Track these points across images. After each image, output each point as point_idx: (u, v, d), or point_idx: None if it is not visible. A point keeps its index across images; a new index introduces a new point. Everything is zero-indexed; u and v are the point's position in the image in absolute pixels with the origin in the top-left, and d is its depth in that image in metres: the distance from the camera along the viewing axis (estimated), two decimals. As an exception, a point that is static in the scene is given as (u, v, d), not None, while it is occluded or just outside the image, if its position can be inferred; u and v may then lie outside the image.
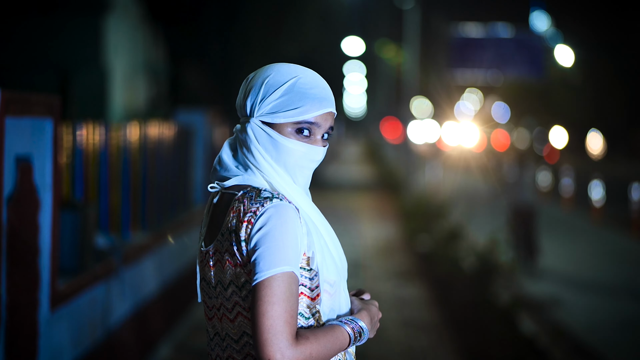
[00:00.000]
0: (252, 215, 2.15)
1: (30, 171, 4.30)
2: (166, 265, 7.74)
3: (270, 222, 2.13)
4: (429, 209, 16.25)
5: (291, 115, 2.27)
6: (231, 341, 2.23)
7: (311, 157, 2.33)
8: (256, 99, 2.29)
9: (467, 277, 10.05)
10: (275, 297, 2.08)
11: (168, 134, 8.39)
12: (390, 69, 45.16)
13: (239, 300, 2.19)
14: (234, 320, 2.21)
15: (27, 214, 4.26)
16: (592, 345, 8.30)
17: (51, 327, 4.54)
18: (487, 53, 21.46)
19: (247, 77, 2.38)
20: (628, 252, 15.17)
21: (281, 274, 2.10)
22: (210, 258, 2.26)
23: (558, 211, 22.12)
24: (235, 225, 2.17)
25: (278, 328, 2.05)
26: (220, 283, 2.23)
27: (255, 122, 2.29)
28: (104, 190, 6.42)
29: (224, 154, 2.34)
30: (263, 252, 2.11)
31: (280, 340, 2.05)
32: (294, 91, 2.28)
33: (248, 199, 2.18)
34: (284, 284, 2.09)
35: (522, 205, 12.72)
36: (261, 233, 2.13)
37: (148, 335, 6.99)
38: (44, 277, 4.41)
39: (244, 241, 2.15)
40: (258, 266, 2.11)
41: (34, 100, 4.36)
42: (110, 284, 5.78)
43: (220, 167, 2.33)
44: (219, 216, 2.27)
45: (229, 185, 2.29)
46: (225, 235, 2.20)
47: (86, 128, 6.03)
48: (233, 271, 2.19)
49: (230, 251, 2.18)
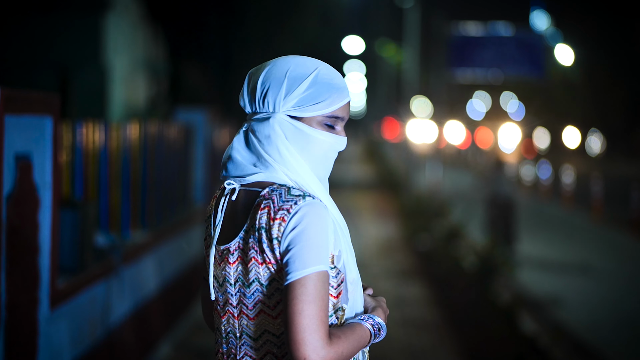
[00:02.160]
0: (285, 213, 2.14)
1: (29, 169, 4.29)
2: (166, 264, 7.73)
3: (305, 221, 2.13)
4: (429, 208, 16.25)
5: (320, 107, 2.27)
6: (248, 339, 2.22)
7: (337, 148, 2.34)
8: (280, 94, 2.26)
9: (467, 276, 10.05)
10: (311, 296, 2.09)
11: (168, 132, 8.38)
12: (390, 68, 45.17)
13: (263, 298, 2.18)
14: (254, 318, 2.20)
15: (27, 213, 4.25)
16: (593, 344, 8.30)
17: (51, 326, 4.53)
18: (488, 52, 21.44)
19: (252, 73, 2.33)
20: (628, 251, 15.17)
21: (316, 273, 2.11)
22: (230, 255, 2.23)
23: (558, 210, 22.12)
24: (265, 222, 2.15)
25: (314, 327, 2.07)
26: (240, 280, 2.22)
27: (283, 117, 2.26)
28: (104, 189, 6.41)
29: (235, 152, 2.30)
30: (298, 251, 2.11)
31: (316, 340, 2.06)
32: (319, 83, 2.27)
33: (277, 196, 2.17)
34: (319, 283, 2.10)
35: (501, 197, 13.20)
36: (296, 232, 2.12)
37: (148, 334, 6.98)
38: (44, 275, 4.40)
39: (276, 239, 2.14)
40: (293, 265, 2.11)
41: (33, 98, 4.35)
42: (110, 282, 5.77)
43: (232, 165, 2.30)
44: (238, 213, 2.26)
45: (248, 182, 2.26)
46: (250, 232, 2.18)
47: (86, 126, 6.02)
48: (259, 269, 2.17)
49: (257, 248, 2.17)
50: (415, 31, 25.08)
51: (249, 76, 2.33)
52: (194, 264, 8.96)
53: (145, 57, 19.75)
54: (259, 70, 2.31)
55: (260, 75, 2.29)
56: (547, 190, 27.04)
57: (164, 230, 7.82)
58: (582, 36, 43.45)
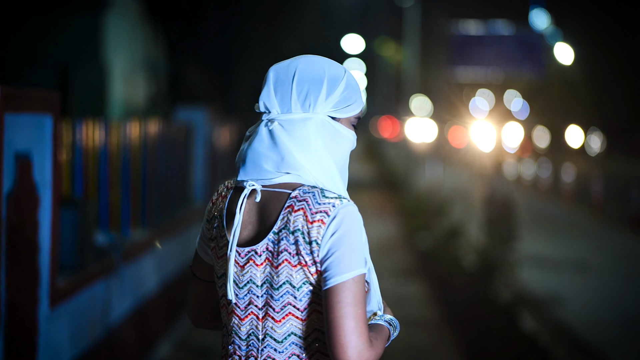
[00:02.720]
0: (323, 215, 2.13)
1: (29, 168, 4.27)
2: (166, 263, 7.72)
3: (345, 224, 2.13)
4: (429, 207, 16.25)
5: (352, 109, 2.31)
6: (272, 341, 2.20)
7: (353, 147, 2.38)
8: (321, 95, 2.25)
9: (467, 275, 10.04)
10: (356, 299, 2.10)
11: (168, 131, 8.36)
12: (389, 67, 45.14)
13: (293, 300, 2.17)
14: (281, 320, 2.18)
15: (27, 211, 4.23)
16: (593, 343, 8.29)
17: (51, 325, 4.51)
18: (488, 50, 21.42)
19: (279, 72, 2.29)
20: (628, 250, 15.16)
21: (358, 276, 2.12)
22: (257, 257, 2.20)
23: (558, 209, 22.11)
24: (302, 225, 2.14)
25: (360, 330, 2.08)
26: (268, 282, 2.19)
27: (324, 118, 2.26)
28: (104, 188, 6.40)
29: (256, 152, 2.24)
30: (341, 254, 2.11)
31: (361, 342, 2.08)
32: (351, 85, 2.30)
33: (311, 198, 2.16)
34: (360, 286, 2.12)
35: (499, 196, 13.32)
36: (337, 235, 2.12)
37: (148, 333, 6.97)
38: (44, 274, 4.39)
39: (315, 242, 2.13)
40: (337, 268, 2.11)
41: (33, 96, 4.33)
42: (110, 281, 5.75)
43: (253, 166, 2.24)
44: (262, 215, 2.23)
45: (273, 184, 2.23)
46: (283, 234, 2.16)
47: (86, 125, 6.00)
48: (292, 271, 2.16)
49: (292, 251, 2.15)
50: (415, 30, 25.06)
51: (275, 75, 2.29)
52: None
53: (145, 55, 19.73)
54: (288, 69, 2.28)
55: (294, 75, 2.27)
56: (547, 189, 27.04)
57: (164, 229, 7.80)
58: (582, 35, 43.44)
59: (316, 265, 2.14)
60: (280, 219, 2.17)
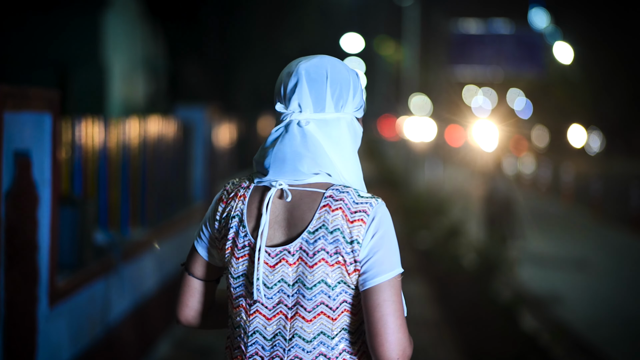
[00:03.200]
0: (363, 215, 2.16)
1: (29, 166, 4.26)
2: (166, 262, 7.70)
3: (384, 223, 2.18)
4: (429, 206, 16.24)
5: (364, 109, 2.38)
6: (301, 341, 2.19)
7: None
8: (349, 96, 2.30)
9: (467, 274, 10.03)
10: (399, 297, 2.16)
11: (167, 130, 8.35)
12: (389, 66, 45.12)
13: (326, 299, 2.17)
14: (312, 320, 2.18)
15: (26, 210, 4.22)
16: (593, 342, 8.28)
17: (50, 324, 4.50)
18: (487, 49, 21.40)
19: (309, 72, 2.28)
20: (627, 249, 15.16)
21: (399, 274, 2.18)
22: (290, 256, 2.19)
23: (558, 208, 22.10)
24: (341, 224, 2.15)
25: (404, 327, 2.15)
26: (300, 281, 2.18)
27: (352, 118, 2.32)
28: (103, 186, 6.38)
29: (285, 151, 2.23)
30: (384, 254, 2.16)
31: (406, 339, 2.15)
32: (361, 87, 2.37)
33: (347, 197, 2.18)
34: (400, 284, 2.18)
35: (499, 195, 13.34)
36: (380, 235, 2.16)
37: (147, 332, 6.95)
38: (43, 273, 4.37)
39: (356, 242, 2.15)
40: (380, 267, 2.15)
41: (32, 95, 4.32)
42: (109, 280, 5.74)
43: (282, 165, 2.23)
44: (293, 214, 2.21)
45: (303, 183, 2.23)
46: (319, 233, 2.16)
47: (85, 123, 5.99)
48: (328, 270, 2.16)
49: (329, 250, 2.15)
50: (415, 29, 25.05)
51: (307, 74, 2.28)
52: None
53: (144, 54, 19.72)
54: (319, 69, 2.29)
55: (327, 74, 2.28)
56: (546, 188, 27.03)
57: (164, 228, 7.79)
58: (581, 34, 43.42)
59: (355, 265, 2.16)
60: (315, 218, 2.17)
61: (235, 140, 15.24)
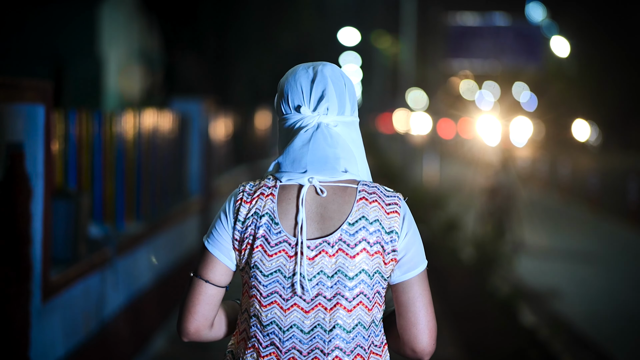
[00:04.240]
0: (395, 207, 2.30)
1: (21, 158, 4.20)
2: (161, 256, 7.65)
3: (410, 216, 2.34)
4: (426, 200, 16.19)
5: None
6: (342, 331, 2.24)
7: None
8: (355, 100, 2.43)
9: (465, 268, 9.99)
10: (428, 286, 2.32)
11: (163, 123, 8.29)
12: (386, 59, 45.08)
13: (365, 289, 2.25)
14: (352, 309, 2.24)
15: (19, 202, 4.16)
16: (592, 336, 8.25)
17: (43, 319, 4.44)
18: (485, 42, 21.36)
19: (330, 76, 2.37)
20: (625, 242, 15.16)
21: (426, 266, 2.35)
22: (330, 247, 2.25)
23: (555, 202, 22.09)
24: (379, 215, 2.27)
25: (434, 314, 2.30)
26: (340, 272, 2.24)
27: (358, 120, 2.45)
28: (98, 179, 6.32)
29: (317, 151, 2.31)
30: (418, 246, 2.32)
31: (436, 326, 2.32)
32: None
33: (378, 191, 2.31)
34: None
35: (504, 189, 13.43)
36: (413, 228, 2.32)
37: (143, 326, 6.90)
38: (36, 267, 4.31)
39: (395, 232, 2.27)
40: (416, 259, 2.30)
41: (25, 86, 4.26)
42: (104, 274, 5.68)
43: (319, 163, 2.30)
44: (328, 208, 2.28)
45: (337, 179, 2.32)
46: (359, 224, 2.25)
47: (80, 116, 5.92)
48: (369, 259, 2.25)
49: (370, 240, 2.25)
50: (412, 22, 24.98)
51: (332, 78, 2.37)
52: (189, 256, 8.88)
53: (141, 47, 19.65)
54: (336, 74, 2.39)
55: (344, 81, 2.40)
56: (544, 182, 27.02)
57: (159, 222, 7.73)
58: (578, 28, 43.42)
59: (392, 254, 2.27)
60: (354, 211, 2.27)
61: (231, 134, 15.18)
